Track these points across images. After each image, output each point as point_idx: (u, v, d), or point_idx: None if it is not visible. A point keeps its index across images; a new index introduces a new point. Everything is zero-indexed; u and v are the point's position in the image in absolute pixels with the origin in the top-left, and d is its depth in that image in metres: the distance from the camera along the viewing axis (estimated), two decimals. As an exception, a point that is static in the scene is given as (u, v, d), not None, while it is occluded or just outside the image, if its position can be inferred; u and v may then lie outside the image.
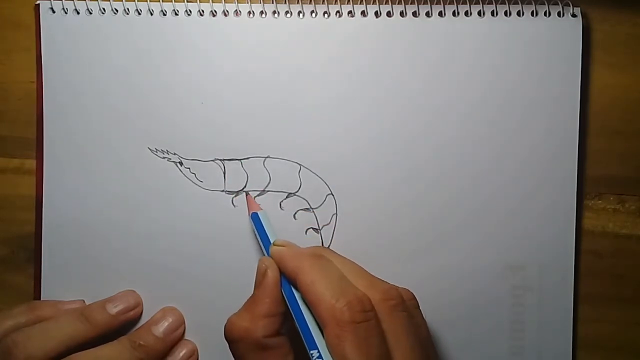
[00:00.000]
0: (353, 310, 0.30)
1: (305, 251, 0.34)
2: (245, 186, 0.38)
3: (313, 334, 0.31)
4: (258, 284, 0.33)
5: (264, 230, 0.36)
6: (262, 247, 0.36)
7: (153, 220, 0.38)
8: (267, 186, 0.38)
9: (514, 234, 0.37)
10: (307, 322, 0.31)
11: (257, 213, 0.37)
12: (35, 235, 0.39)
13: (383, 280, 0.33)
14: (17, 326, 0.35)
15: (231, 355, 0.38)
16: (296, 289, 0.32)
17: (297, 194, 0.38)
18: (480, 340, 0.37)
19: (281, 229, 0.37)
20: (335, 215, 0.37)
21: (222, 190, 0.38)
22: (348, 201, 0.37)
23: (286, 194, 0.38)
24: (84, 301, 0.38)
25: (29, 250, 0.39)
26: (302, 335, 0.31)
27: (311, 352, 0.30)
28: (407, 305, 0.32)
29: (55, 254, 0.38)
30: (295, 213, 0.38)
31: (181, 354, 0.37)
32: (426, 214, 0.37)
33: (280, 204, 0.38)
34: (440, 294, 0.37)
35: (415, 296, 0.33)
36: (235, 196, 0.38)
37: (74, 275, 0.38)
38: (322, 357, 0.30)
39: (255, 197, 0.38)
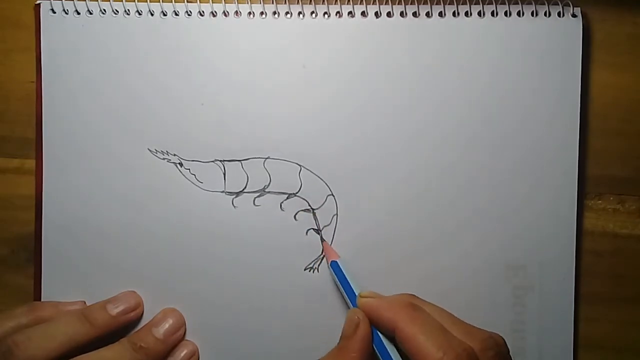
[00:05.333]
0: None
1: (398, 301, 0.34)
2: (245, 187, 0.38)
3: None
4: (348, 336, 0.33)
5: (346, 280, 0.36)
6: (345, 296, 0.35)
7: (153, 221, 0.38)
8: (267, 187, 0.38)
9: (515, 233, 0.37)
10: None
11: (336, 262, 0.36)
12: (35, 235, 0.38)
13: (477, 328, 0.33)
14: (18, 327, 0.35)
15: (231, 357, 0.38)
16: (391, 341, 0.32)
17: (297, 194, 0.38)
18: (481, 340, 0.37)
19: (281, 230, 0.37)
20: (336, 216, 0.37)
21: (222, 191, 0.38)
22: (349, 202, 0.37)
23: (286, 195, 0.38)
24: (84, 302, 0.38)
25: (29, 250, 0.39)
26: None
27: None
28: (502, 352, 0.32)
29: (55, 254, 0.38)
30: (296, 214, 0.38)
31: (182, 355, 0.37)
32: (426, 214, 0.37)
33: (280, 205, 0.38)
34: (441, 294, 0.37)
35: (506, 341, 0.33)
36: (236, 197, 0.38)
37: (74, 276, 0.38)
38: None
39: (255, 198, 0.38)
